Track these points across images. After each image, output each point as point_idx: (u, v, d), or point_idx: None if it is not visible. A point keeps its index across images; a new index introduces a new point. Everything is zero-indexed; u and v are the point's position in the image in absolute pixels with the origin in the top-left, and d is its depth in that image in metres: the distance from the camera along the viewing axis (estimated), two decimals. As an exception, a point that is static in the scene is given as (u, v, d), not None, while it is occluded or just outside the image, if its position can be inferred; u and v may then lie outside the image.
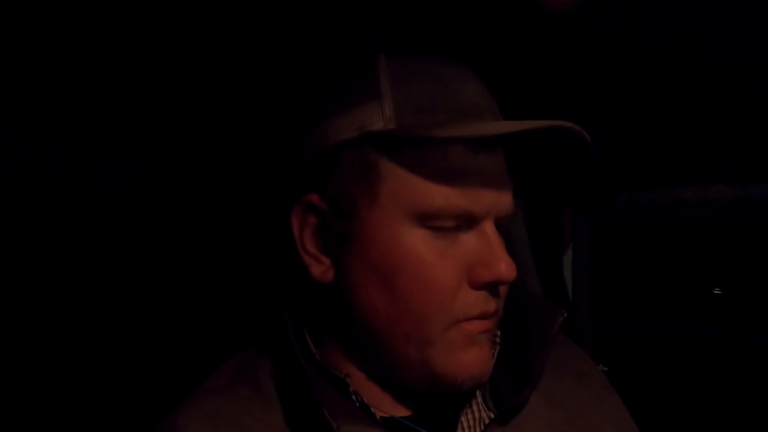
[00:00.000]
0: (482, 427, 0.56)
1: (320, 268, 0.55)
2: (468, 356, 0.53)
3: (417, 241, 0.52)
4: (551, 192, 0.62)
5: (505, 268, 0.52)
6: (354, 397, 0.54)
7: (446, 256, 0.52)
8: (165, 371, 0.99)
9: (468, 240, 0.52)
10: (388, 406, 0.55)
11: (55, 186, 0.90)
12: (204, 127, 0.90)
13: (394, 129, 0.51)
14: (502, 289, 0.54)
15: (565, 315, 0.58)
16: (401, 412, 0.56)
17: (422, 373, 0.53)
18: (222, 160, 1.00)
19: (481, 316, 0.53)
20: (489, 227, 0.53)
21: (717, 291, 2.03)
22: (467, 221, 0.52)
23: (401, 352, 0.53)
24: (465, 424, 0.56)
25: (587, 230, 1.45)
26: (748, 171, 1.06)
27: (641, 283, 2.02)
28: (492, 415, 0.57)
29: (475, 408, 0.58)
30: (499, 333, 0.60)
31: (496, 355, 0.59)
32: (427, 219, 0.51)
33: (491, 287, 0.53)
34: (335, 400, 0.52)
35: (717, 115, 0.83)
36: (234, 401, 0.55)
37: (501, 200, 0.53)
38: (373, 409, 0.54)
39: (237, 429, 0.53)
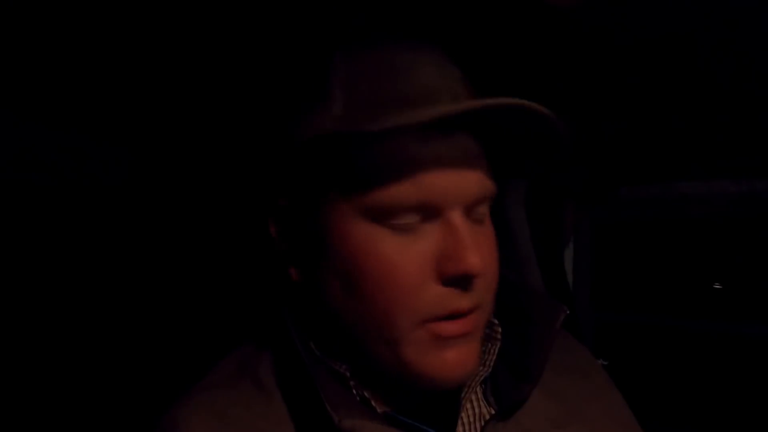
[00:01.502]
0: (482, 423, 0.56)
1: (294, 271, 0.56)
2: (440, 359, 0.50)
3: (375, 239, 0.50)
4: (532, 170, 0.60)
5: (471, 260, 0.48)
6: (354, 391, 0.54)
7: (408, 252, 0.49)
8: (162, 366, 0.99)
9: (433, 232, 0.50)
10: (388, 401, 0.55)
11: (52, 177, 0.89)
12: (196, 125, 0.90)
13: (340, 128, 0.50)
14: (480, 283, 0.51)
15: (567, 312, 0.57)
16: (401, 407, 0.56)
17: (400, 373, 0.52)
18: (212, 157, 1.01)
19: (452, 315, 0.50)
20: (455, 217, 0.50)
21: (717, 285, 2.03)
22: (428, 213, 0.50)
23: (376, 352, 0.52)
24: (465, 420, 0.56)
25: (589, 224, 1.44)
26: (751, 166, 1.06)
27: (642, 277, 2.02)
28: (492, 411, 0.57)
29: (475, 404, 0.57)
30: (500, 329, 0.60)
31: (497, 351, 0.59)
32: (383, 216, 0.49)
33: (460, 282, 0.49)
34: (336, 393, 0.51)
35: (720, 110, 0.83)
36: (235, 397, 0.55)
37: (463, 186, 0.50)
38: (373, 403, 0.54)
39: (238, 424, 0.52)
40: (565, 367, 0.63)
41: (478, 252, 0.49)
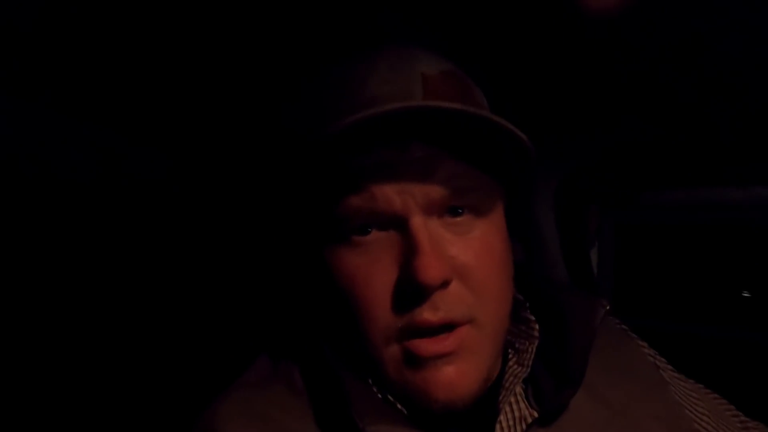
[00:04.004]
0: (524, 427, 0.54)
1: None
2: (421, 378, 0.49)
3: (338, 256, 0.50)
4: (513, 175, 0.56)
5: (423, 269, 0.46)
6: (380, 396, 0.53)
7: (366, 265, 0.49)
8: (181, 367, 1.00)
9: (394, 243, 0.49)
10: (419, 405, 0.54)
11: (82, 175, 0.90)
12: (238, 133, 0.91)
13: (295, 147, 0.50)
14: (457, 293, 0.49)
15: (607, 307, 0.56)
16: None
17: (393, 393, 0.52)
18: (246, 161, 1.00)
19: (423, 328, 0.48)
20: (414, 224, 0.48)
21: (746, 294, 1.99)
22: (385, 223, 0.49)
23: (368, 371, 0.52)
24: (504, 423, 0.54)
25: (612, 228, 1.42)
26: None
27: (667, 283, 1.99)
28: (535, 414, 0.54)
29: (515, 406, 0.55)
30: (537, 326, 0.59)
31: (535, 349, 0.57)
32: (337, 227, 0.49)
33: (420, 293, 0.47)
34: (364, 399, 0.51)
35: (750, 115, 0.81)
36: (270, 398, 0.55)
37: (415, 192, 0.48)
38: (399, 406, 0.53)
39: (273, 425, 0.52)
40: (612, 365, 0.60)
41: (437, 260, 0.46)
